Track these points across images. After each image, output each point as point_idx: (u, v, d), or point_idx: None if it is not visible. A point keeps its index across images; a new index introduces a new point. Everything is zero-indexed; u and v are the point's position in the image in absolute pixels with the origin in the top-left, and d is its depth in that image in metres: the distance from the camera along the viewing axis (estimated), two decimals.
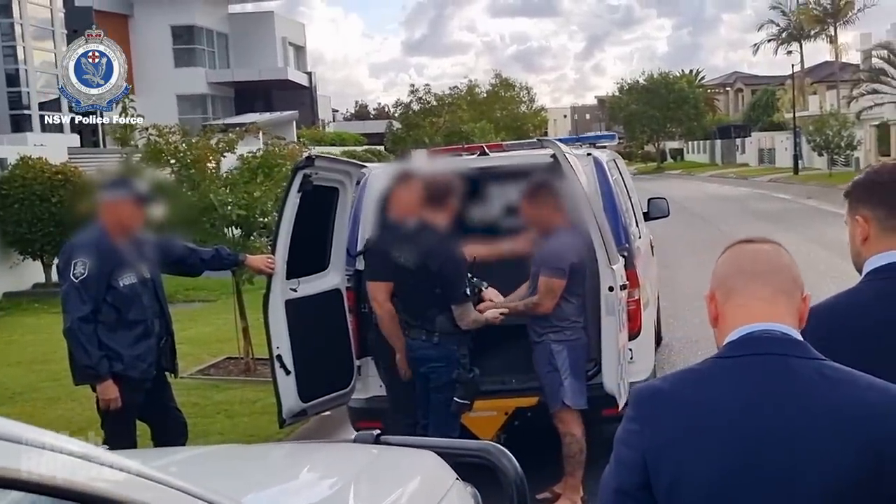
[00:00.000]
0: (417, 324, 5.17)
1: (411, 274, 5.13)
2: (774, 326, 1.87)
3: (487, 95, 52.13)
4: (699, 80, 74.10)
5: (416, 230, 5.20)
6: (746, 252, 1.96)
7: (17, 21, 31.44)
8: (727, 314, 1.92)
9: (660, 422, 1.84)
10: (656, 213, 8.87)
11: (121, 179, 5.27)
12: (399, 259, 5.18)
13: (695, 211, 25.54)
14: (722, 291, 1.94)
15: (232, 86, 45.78)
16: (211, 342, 10.69)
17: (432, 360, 5.15)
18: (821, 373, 1.82)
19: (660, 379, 1.97)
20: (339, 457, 2.46)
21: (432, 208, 5.17)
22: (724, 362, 1.88)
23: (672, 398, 1.86)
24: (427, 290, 5.10)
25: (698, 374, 1.90)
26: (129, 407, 4.94)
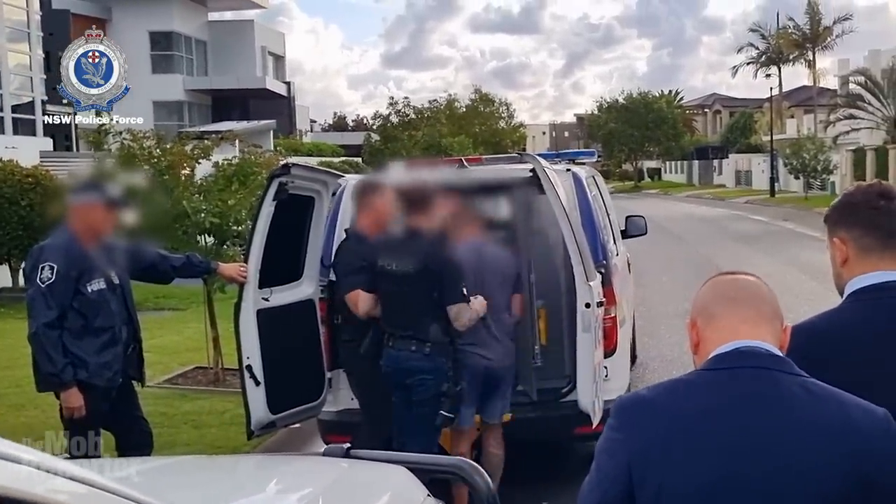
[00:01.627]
0: (408, 334, 4.99)
1: (405, 281, 4.98)
2: (759, 344, 1.89)
3: (466, 110, 52.27)
4: (678, 100, 74.73)
5: (406, 236, 5.09)
6: (728, 281, 2.00)
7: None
8: (709, 338, 1.93)
9: (644, 430, 1.83)
10: (634, 231, 8.86)
11: (91, 183, 5.16)
12: (389, 266, 5.05)
13: (672, 231, 25.64)
14: (703, 317, 1.96)
15: (209, 93, 45.63)
16: (180, 351, 10.55)
17: (422, 372, 4.97)
18: (806, 389, 1.84)
19: (644, 388, 1.97)
20: (308, 470, 2.38)
21: (418, 214, 5.08)
22: (709, 374, 1.88)
23: (657, 407, 1.86)
24: (423, 297, 4.96)
25: (683, 384, 1.91)
26: (93, 415, 4.81)
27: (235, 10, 49.31)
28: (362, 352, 5.31)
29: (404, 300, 5.01)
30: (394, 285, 5.02)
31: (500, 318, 5.34)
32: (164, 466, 2.30)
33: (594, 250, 5.50)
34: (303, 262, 5.84)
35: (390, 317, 5.10)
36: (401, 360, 5.01)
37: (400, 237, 5.12)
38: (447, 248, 5.07)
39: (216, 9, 47.61)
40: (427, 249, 5.01)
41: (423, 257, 4.98)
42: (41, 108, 32.76)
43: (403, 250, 5.05)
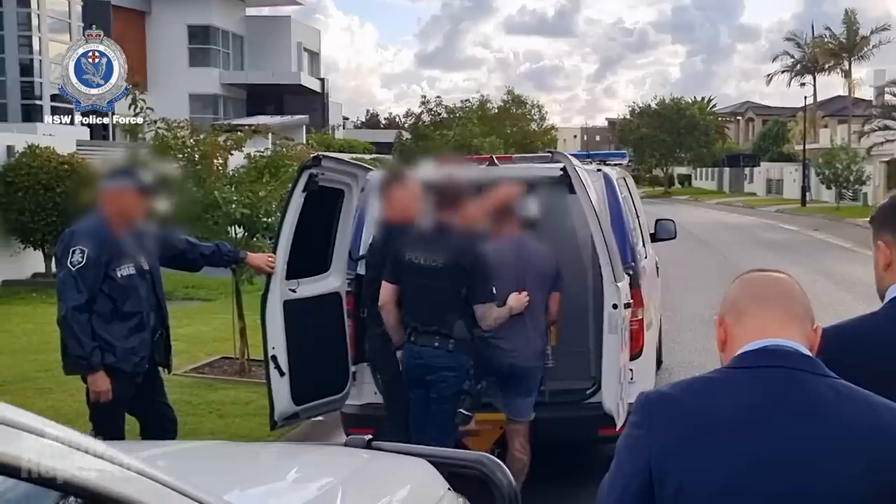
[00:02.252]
0: (431, 329, 4.95)
1: (432, 275, 4.95)
2: (787, 342, 1.85)
3: (498, 111, 52.18)
4: (711, 107, 74.10)
5: (436, 230, 5.06)
6: (759, 278, 1.96)
7: (35, 12, 31.55)
8: (737, 335, 1.90)
9: (667, 427, 1.80)
10: (663, 235, 8.79)
11: (123, 169, 5.20)
12: (417, 260, 5.02)
13: (701, 237, 25.48)
14: (732, 314, 1.92)
15: (245, 88, 45.86)
16: (207, 341, 10.62)
17: (444, 369, 4.95)
18: (835, 390, 1.80)
19: (667, 385, 1.94)
20: (329, 459, 2.38)
21: (448, 209, 5.06)
22: (735, 373, 1.85)
23: (680, 404, 1.83)
24: (450, 292, 4.94)
25: (708, 382, 1.87)
26: (119, 400, 4.86)
27: (273, 5, 49.54)
28: (395, 349, 5.31)
29: (430, 295, 4.98)
30: (420, 279, 4.99)
31: (535, 316, 5.32)
32: (187, 450, 2.31)
33: (623, 251, 5.47)
34: (331, 254, 5.85)
35: (413, 311, 5.06)
36: (423, 355, 4.98)
37: (429, 231, 5.09)
38: (479, 244, 5.06)
39: (254, 4, 47.85)
40: (458, 245, 4.99)
41: (453, 252, 4.96)
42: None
43: (433, 244, 5.02)
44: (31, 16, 31.63)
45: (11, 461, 1.21)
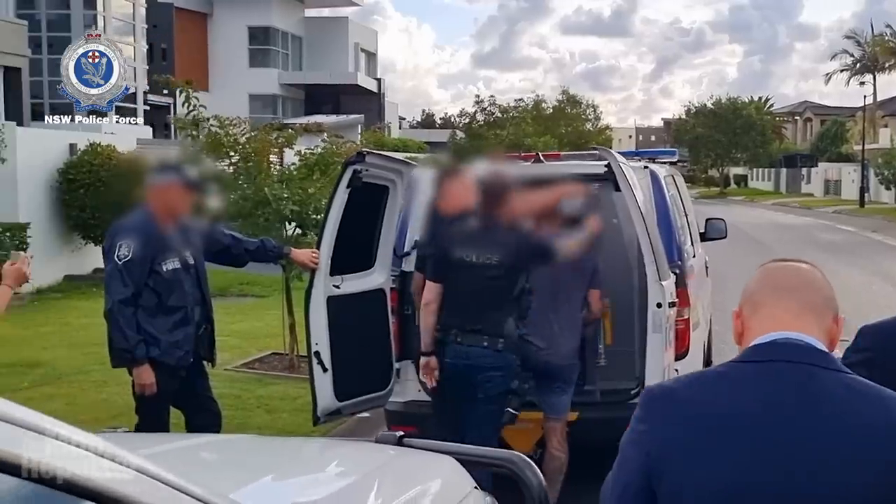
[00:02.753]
0: (479, 328, 4.89)
1: (487, 273, 4.89)
2: (800, 336, 1.78)
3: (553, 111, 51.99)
4: (768, 107, 72.85)
5: (490, 227, 4.99)
6: (778, 268, 1.91)
7: (101, 14, 32.25)
8: (752, 327, 1.84)
9: (669, 422, 1.75)
10: (714, 235, 8.63)
11: (169, 164, 5.26)
12: (468, 258, 4.94)
13: (756, 238, 25.09)
14: (749, 305, 1.87)
15: (303, 88, 46.30)
16: (259, 336, 10.73)
17: (492, 369, 4.88)
18: (847, 386, 1.72)
19: (673, 379, 1.91)
20: (353, 455, 2.37)
21: (497, 206, 5.01)
22: (743, 366, 1.78)
23: (684, 399, 1.77)
24: (504, 290, 4.90)
25: (713, 376, 1.83)
26: (163, 393, 4.91)
27: (332, 6, 49.93)
28: None
29: (481, 293, 4.91)
30: (471, 277, 4.92)
31: (572, 314, 5.26)
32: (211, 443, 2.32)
33: (669, 250, 5.38)
34: (375, 250, 5.85)
35: (460, 310, 4.99)
36: (470, 355, 4.91)
37: (481, 228, 5.02)
38: (536, 240, 5.03)
39: (313, 5, 48.28)
40: (513, 241, 4.94)
41: (508, 249, 4.90)
42: (143, 97, 33.79)
43: (485, 241, 4.95)
44: (97, 18, 32.35)
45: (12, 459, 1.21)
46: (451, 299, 5.03)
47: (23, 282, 4.24)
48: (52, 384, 8.36)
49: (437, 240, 5.19)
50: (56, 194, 14.79)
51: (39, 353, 9.56)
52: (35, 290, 13.67)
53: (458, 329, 4.97)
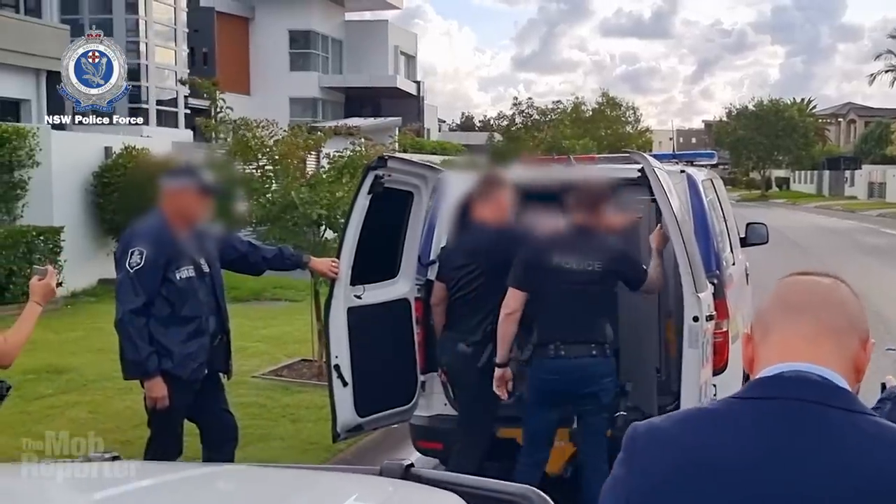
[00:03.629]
0: (583, 338, 4.71)
1: (589, 280, 4.73)
2: (811, 368, 1.50)
3: (593, 113, 51.65)
4: (810, 108, 71.72)
5: (583, 233, 4.83)
6: (792, 284, 1.64)
7: (143, 18, 32.53)
8: (761, 355, 1.58)
9: (649, 467, 1.51)
10: (754, 239, 8.30)
11: (184, 167, 5.08)
12: (569, 265, 4.75)
13: (798, 242, 24.59)
14: (759, 329, 1.61)
15: (343, 91, 46.38)
16: (289, 342, 10.58)
17: (604, 376, 4.75)
18: (862, 430, 1.44)
19: (661, 417, 1.62)
20: (343, 491, 2.14)
21: (593, 211, 4.87)
22: (739, 404, 1.53)
23: (669, 439, 1.53)
24: (606, 296, 4.80)
25: (706, 414, 1.57)
26: (177, 407, 4.73)
27: (372, 10, 49.97)
28: (480, 365, 5.08)
29: (584, 301, 4.74)
30: (572, 285, 4.73)
31: None
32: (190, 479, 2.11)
33: (707, 259, 5.11)
34: (399, 259, 5.63)
35: (560, 321, 4.76)
36: (583, 367, 4.72)
37: (577, 234, 4.84)
38: (620, 243, 4.94)
39: (353, 9, 48.35)
40: (608, 246, 4.84)
41: (606, 254, 4.78)
42: (184, 101, 34.03)
43: (583, 248, 4.79)
44: (138, 22, 32.64)
45: None
46: (545, 310, 4.81)
47: (51, 297, 4.07)
48: (77, 391, 8.26)
49: (527, 247, 4.94)
50: (91, 198, 14.78)
51: (67, 358, 9.48)
52: (70, 293, 13.67)
53: (559, 341, 4.75)
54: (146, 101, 35.73)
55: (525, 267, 4.87)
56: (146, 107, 35.60)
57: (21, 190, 13.43)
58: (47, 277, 4.03)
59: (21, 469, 2.46)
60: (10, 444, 6.87)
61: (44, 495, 2.18)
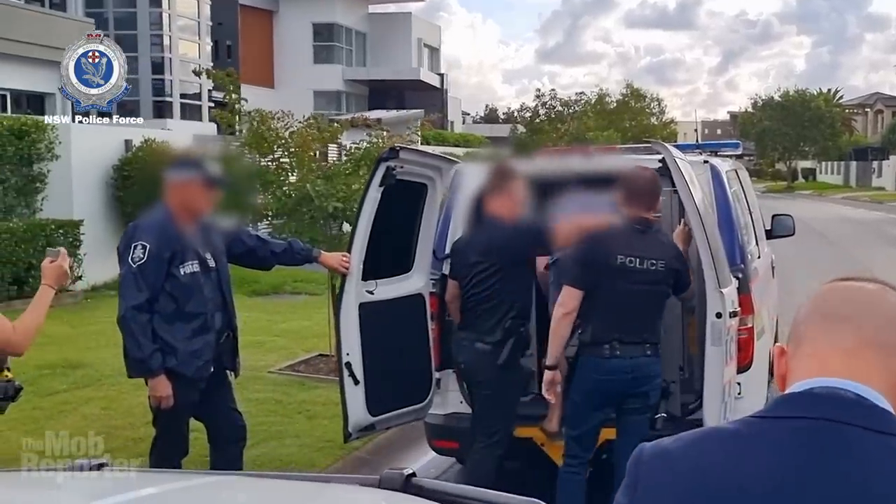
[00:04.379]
0: (639, 338, 4.54)
1: (652, 279, 4.55)
2: (847, 385, 1.31)
3: (617, 105, 51.32)
4: (837, 99, 70.82)
5: (642, 229, 4.63)
6: (832, 290, 1.44)
7: (166, 11, 32.61)
8: (794, 369, 1.40)
9: (656, 493, 1.33)
10: (781, 232, 8.07)
11: (189, 159, 4.94)
12: (632, 263, 4.54)
13: (824, 234, 24.26)
14: (794, 340, 1.42)
15: (366, 84, 46.32)
16: (307, 337, 10.45)
17: (656, 376, 4.61)
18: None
19: (670, 438, 1.42)
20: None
21: (650, 205, 4.67)
22: (760, 423, 1.34)
23: (679, 464, 1.34)
24: (664, 295, 4.66)
25: (723, 435, 1.37)
26: (182, 406, 4.59)
27: (396, 2, 49.91)
28: (500, 363, 4.90)
29: (643, 300, 4.57)
30: (634, 283, 4.54)
31: None
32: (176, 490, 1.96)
33: (731, 252, 4.91)
34: (414, 253, 5.47)
35: (617, 319, 4.56)
36: (636, 368, 4.55)
37: (639, 230, 4.62)
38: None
39: (377, 1, 48.28)
40: (665, 242, 4.70)
41: (666, 251, 4.63)
42: (207, 94, 34.07)
43: (644, 245, 4.58)
44: (162, 16, 32.71)
45: None
46: (602, 308, 4.61)
47: (64, 280, 3.90)
48: (91, 386, 8.17)
49: (586, 244, 4.71)
50: (111, 191, 14.73)
51: (83, 353, 9.40)
52: (90, 287, 13.63)
53: (616, 341, 4.56)
54: (170, 94, 35.82)
55: (584, 265, 4.66)
56: (170, 100, 35.69)
57: (40, 183, 13.39)
58: (59, 259, 3.88)
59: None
60: (22, 442, 6.81)
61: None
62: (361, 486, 2.29)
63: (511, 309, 4.90)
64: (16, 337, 3.62)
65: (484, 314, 4.99)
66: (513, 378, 5.02)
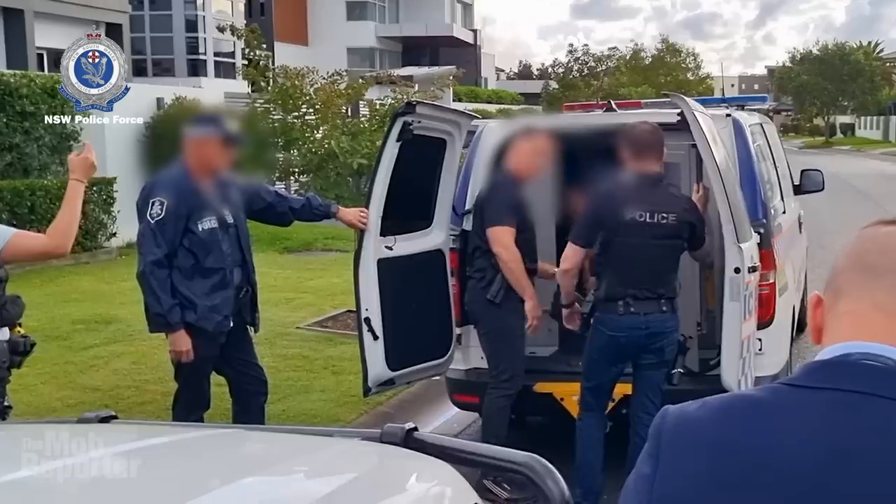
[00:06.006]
0: (654, 294, 4.50)
1: (665, 233, 4.51)
2: (885, 350, 1.19)
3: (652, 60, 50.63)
4: (877, 52, 69.14)
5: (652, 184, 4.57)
6: (878, 237, 1.28)
7: None
8: (829, 326, 1.27)
9: (680, 464, 1.23)
10: (810, 187, 7.91)
11: (208, 116, 4.95)
12: (642, 217, 4.49)
13: (860, 189, 23.85)
14: (831, 292, 1.28)
15: (400, 41, 46.12)
16: (336, 294, 10.50)
17: (672, 331, 4.59)
18: None
19: (696, 403, 1.29)
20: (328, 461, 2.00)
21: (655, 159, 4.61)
22: (792, 392, 1.22)
23: (705, 433, 1.23)
24: (678, 249, 4.61)
25: (747, 404, 1.26)
26: (202, 360, 4.64)
27: None
28: (490, 297, 5.04)
29: (657, 254, 4.52)
30: (647, 238, 4.49)
31: None
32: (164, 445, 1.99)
33: (752, 207, 4.85)
34: (433, 208, 5.46)
35: (631, 275, 4.52)
36: (651, 324, 4.52)
37: (646, 185, 4.56)
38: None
39: None
40: (677, 196, 4.65)
41: (678, 205, 4.57)
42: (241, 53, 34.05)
43: (655, 199, 4.53)
44: None
45: None
46: (615, 265, 4.58)
47: (91, 172, 3.98)
48: (122, 341, 8.29)
49: (595, 201, 4.71)
50: (143, 149, 14.83)
51: (116, 308, 9.53)
52: (124, 244, 13.79)
53: (630, 297, 4.52)
54: (203, 52, 35.89)
55: (592, 222, 4.63)
56: (203, 58, 35.78)
57: (74, 141, 13.51)
58: (85, 151, 3.95)
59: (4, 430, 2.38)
60: (53, 395, 6.95)
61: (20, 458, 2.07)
62: (363, 440, 2.31)
63: None
64: (53, 241, 3.75)
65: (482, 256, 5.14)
66: (509, 318, 5.06)
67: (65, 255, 3.89)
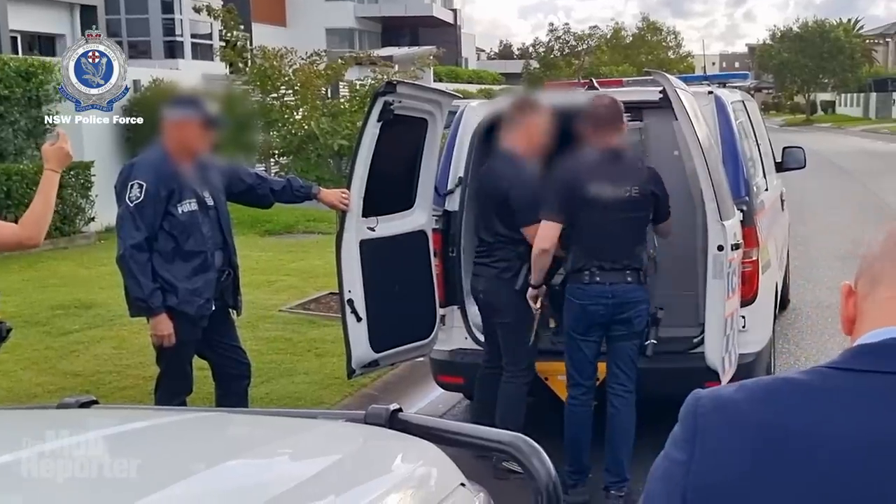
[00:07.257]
0: (619, 265, 4.59)
1: (629, 207, 4.58)
2: None
3: (633, 39, 50.67)
4: (857, 29, 69.49)
5: (614, 158, 4.64)
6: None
7: None
8: (867, 313, 1.25)
9: (719, 452, 1.18)
10: (791, 164, 7.94)
11: (186, 98, 4.89)
12: (605, 192, 4.57)
13: (841, 166, 24.02)
14: (866, 280, 1.27)
15: (379, 21, 45.83)
16: (318, 275, 10.46)
17: (640, 302, 4.63)
18: None
19: (734, 386, 1.25)
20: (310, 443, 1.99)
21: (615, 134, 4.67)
22: (839, 376, 1.19)
23: (746, 419, 1.19)
24: (643, 221, 4.67)
25: (790, 388, 1.21)
26: (184, 344, 4.61)
27: None
28: (518, 287, 4.93)
29: (621, 228, 4.59)
30: (611, 212, 4.57)
31: None
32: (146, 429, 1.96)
33: (735, 185, 4.85)
34: (415, 189, 5.43)
35: (597, 248, 4.63)
36: (616, 293, 4.59)
37: (608, 160, 4.63)
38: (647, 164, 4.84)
39: None
40: (641, 170, 4.71)
41: (642, 179, 4.62)
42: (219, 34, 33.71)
43: (617, 174, 4.61)
44: None
45: None
46: (581, 237, 4.68)
47: (66, 162, 3.93)
48: (103, 326, 8.23)
49: (560, 176, 4.75)
50: (121, 131, 14.68)
51: (96, 293, 9.46)
52: (103, 228, 13.68)
53: (596, 267, 4.62)
54: (180, 34, 35.55)
55: (560, 198, 4.67)
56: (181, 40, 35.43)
57: (49, 125, 13.36)
58: (59, 141, 3.89)
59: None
60: (33, 381, 6.90)
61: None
62: (347, 421, 2.30)
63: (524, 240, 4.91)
64: (25, 231, 3.72)
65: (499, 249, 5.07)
66: (529, 308, 5.01)
67: (38, 245, 3.84)
